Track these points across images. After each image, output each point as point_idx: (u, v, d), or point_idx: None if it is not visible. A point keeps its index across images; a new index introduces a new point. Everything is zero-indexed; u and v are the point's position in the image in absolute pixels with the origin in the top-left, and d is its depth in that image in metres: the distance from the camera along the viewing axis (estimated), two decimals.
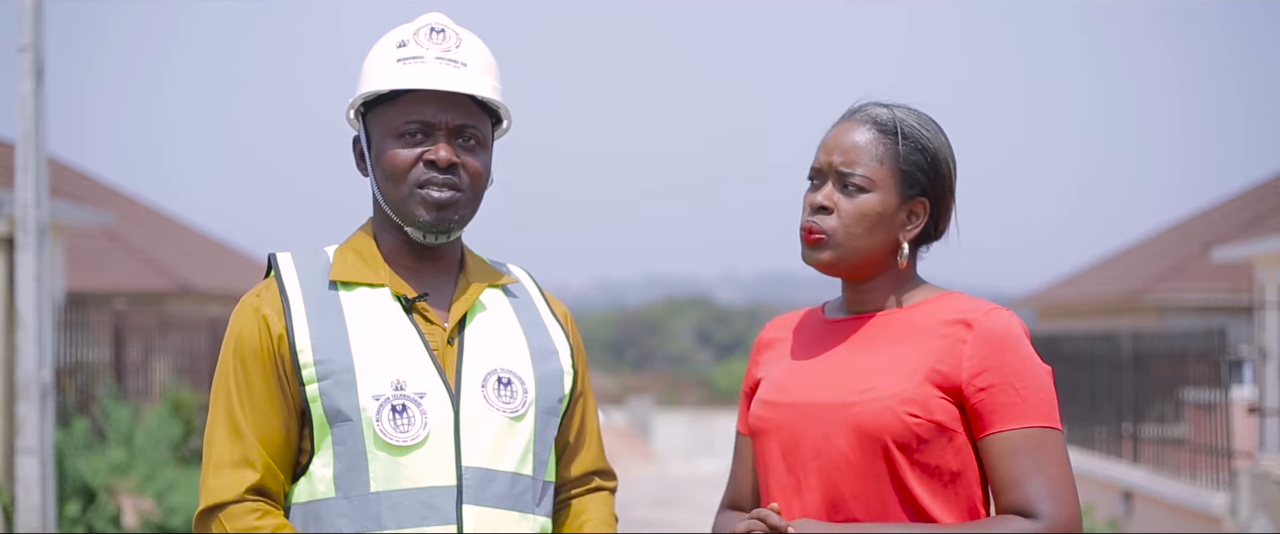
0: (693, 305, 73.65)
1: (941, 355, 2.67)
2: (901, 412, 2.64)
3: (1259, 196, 24.03)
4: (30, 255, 8.99)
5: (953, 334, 2.68)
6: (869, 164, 2.72)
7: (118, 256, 23.34)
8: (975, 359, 2.66)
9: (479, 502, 2.63)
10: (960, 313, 2.70)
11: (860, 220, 2.71)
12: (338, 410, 2.62)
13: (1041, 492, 2.61)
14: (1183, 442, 15.39)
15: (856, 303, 2.80)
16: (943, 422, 2.65)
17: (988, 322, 2.68)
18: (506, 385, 2.70)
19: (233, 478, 2.64)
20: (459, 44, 2.74)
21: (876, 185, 2.72)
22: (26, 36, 8.89)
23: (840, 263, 2.74)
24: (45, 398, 9.04)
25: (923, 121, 2.77)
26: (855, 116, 2.77)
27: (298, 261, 2.75)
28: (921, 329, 2.71)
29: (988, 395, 2.65)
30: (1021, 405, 2.65)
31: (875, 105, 2.79)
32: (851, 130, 2.75)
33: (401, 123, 2.70)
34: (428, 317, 2.71)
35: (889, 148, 2.73)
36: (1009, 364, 2.66)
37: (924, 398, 2.65)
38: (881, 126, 2.74)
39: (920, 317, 2.73)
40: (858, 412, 2.66)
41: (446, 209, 2.70)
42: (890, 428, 2.64)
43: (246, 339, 2.68)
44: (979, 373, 2.65)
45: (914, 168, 2.73)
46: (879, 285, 2.78)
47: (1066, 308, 28.25)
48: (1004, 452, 2.64)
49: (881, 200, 2.72)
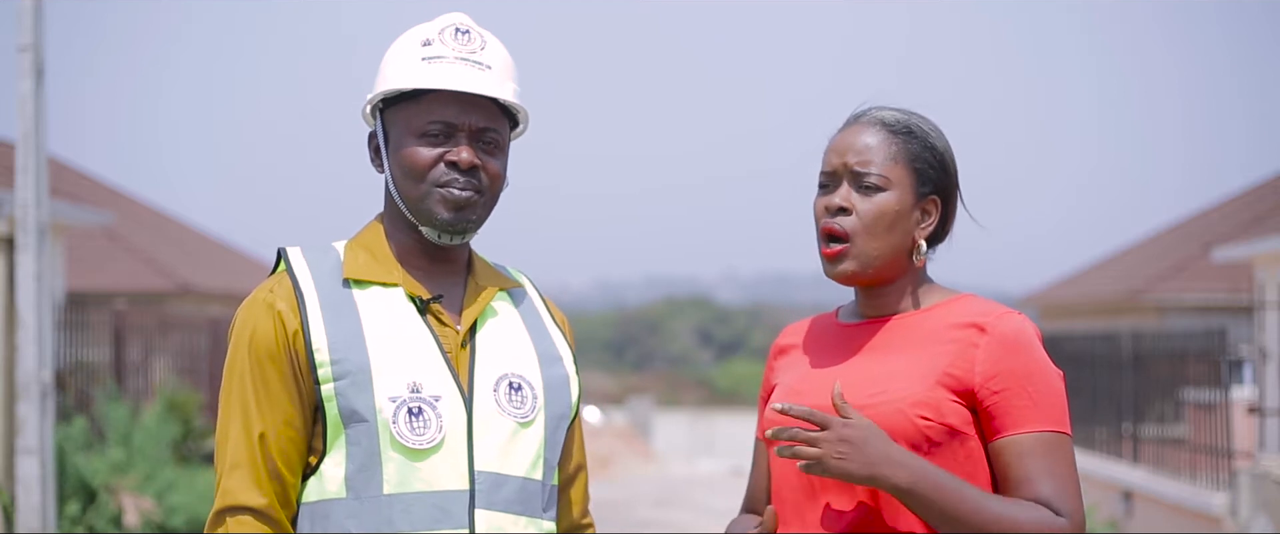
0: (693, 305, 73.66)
1: (954, 359, 2.68)
2: (913, 415, 2.65)
3: (1259, 196, 24.04)
4: (30, 255, 8.99)
5: (966, 338, 2.69)
6: (884, 163, 2.74)
7: (118, 256, 23.35)
8: (988, 362, 2.67)
9: (490, 506, 2.63)
10: (973, 316, 2.71)
11: (879, 219, 2.72)
12: (353, 411, 2.61)
13: (1056, 492, 2.64)
14: (1183, 442, 15.40)
15: (871, 307, 2.80)
16: (955, 425, 2.66)
17: (1001, 325, 2.69)
18: (517, 390, 2.70)
19: (246, 481, 2.63)
20: (483, 46, 2.73)
21: (892, 184, 2.73)
22: (26, 36, 8.90)
23: (863, 272, 2.74)
24: (45, 398, 9.04)
25: (927, 123, 2.80)
26: (862, 119, 2.79)
27: (308, 257, 2.73)
28: (935, 332, 2.72)
29: (1001, 399, 2.66)
30: (1034, 409, 2.67)
31: (880, 108, 2.81)
32: (862, 132, 2.77)
33: (424, 122, 2.69)
34: (441, 319, 2.70)
35: (901, 147, 2.75)
36: (1022, 368, 2.67)
37: (936, 401, 2.66)
38: (891, 127, 2.77)
39: (933, 320, 2.74)
40: (870, 415, 2.66)
41: (465, 210, 2.69)
42: (902, 431, 2.65)
43: (260, 335, 2.65)
44: (992, 376, 2.67)
45: (926, 165, 2.75)
46: (894, 289, 2.78)
47: (1066, 308, 28.26)
48: (1018, 453, 2.65)
49: (898, 198, 2.73)
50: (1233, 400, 14.04)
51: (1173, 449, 15.52)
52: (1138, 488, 15.48)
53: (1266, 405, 14.18)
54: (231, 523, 2.63)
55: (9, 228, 10.08)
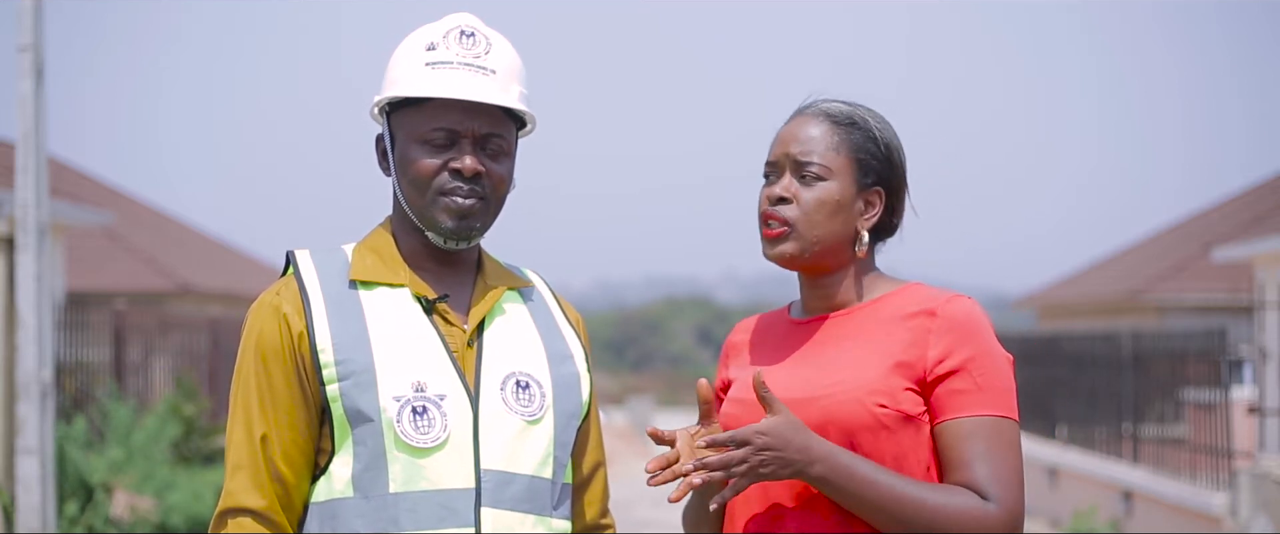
0: (693, 305, 73.71)
1: (907, 346, 2.70)
2: (870, 403, 2.67)
3: (1259, 196, 24.05)
4: (30, 255, 8.99)
5: (917, 324, 2.72)
6: (825, 153, 2.76)
7: (118, 256, 23.35)
8: (939, 346, 2.69)
9: (497, 504, 2.63)
10: (923, 302, 2.74)
11: (820, 208, 2.75)
12: (358, 411, 2.61)
13: (991, 477, 2.63)
14: (1183, 442, 15.39)
15: (819, 300, 2.83)
16: (909, 412, 2.68)
17: (950, 308, 2.72)
18: (525, 389, 2.70)
19: (249, 482, 2.64)
20: (488, 50, 2.71)
21: (833, 174, 2.76)
22: (26, 36, 8.90)
23: (803, 254, 2.76)
24: (45, 398, 9.05)
25: (873, 115, 2.83)
26: (807, 111, 2.82)
27: (316, 259, 2.73)
28: (886, 322, 2.75)
29: (949, 381, 2.68)
30: (980, 393, 2.68)
31: (826, 100, 2.84)
32: (806, 123, 2.80)
33: (427, 129, 2.68)
34: (448, 318, 2.70)
35: (844, 137, 2.78)
36: (971, 350, 2.69)
37: (891, 389, 2.68)
38: (835, 118, 2.79)
39: (884, 310, 2.77)
40: (827, 404, 2.68)
41: (469, 217, 2.68)
42: (858, 419, 2.66)
43: (266, 337, 2.66)
44: (942, 359, 2.69)
45: (869, 157, 2.78)
46: (839, 280, 2.81)
47: (1066, 308, 28.25)
48: (959, 435, 2.66)
49: (839, 188, 2.76)
50: (1233, 400, 14.04)
51: (1173, 449, 15.51)
52: (1138, 488, 15.47)
53: (1266, 405, 14.18)
54: (232, 524, 2.65)
55: (9, 228, 10.08)
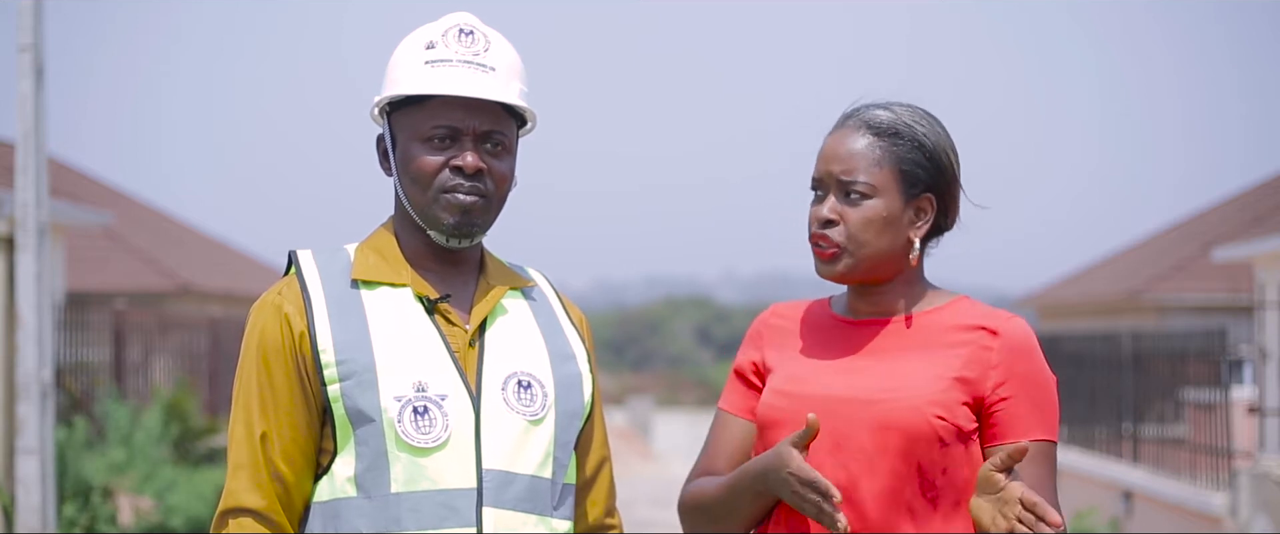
0: (693, 305, 73.68)
1: (967, 361, 2.71)
2: (929, 414, 2.67)
3: (1259, 196, 24.04)
4: (30, 255, 8.99)
5: (977, 341, 2.72)
6: (869, 169, 2.73)
7: (118, 256, 23.33)
8: (1001, 368, 2.70)
9: (498, 504, 2.63)
10: (981, 319, 2.74)
11: (867, 227, 2.72)
12: (359, 410, 2.62)
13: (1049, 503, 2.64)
14: (1183, 442, 15.40)
15: (869, 305, 2.81)
16: (963, 426, 2.69)
17: (1011, 328, 2.73)
18: (527, 389, 2.70)
19: (249, 482, 2.65)
20: (487, 47, 2.72)
21: (879, 190, 2.73)
22: (26, 36, 8.89)
23: (856, 271, 2.75)
24: (45, 398, 9.04)
25: (918, 118, 2.77)
26: (850, 122, 2.78)
27: (318, 259, 2.74)
28: (944, 334, 2.74)
29: (1007, 405, 2.70)
30: (1035, 418, 2.71)
31: (869, 108, 2.79)
32: (848, 137, 2.76)
33: (428, 127, 2.68)
34: (449, 318, 2.70)
35: (887, 150, 2.73)
36: (1029, 376, 2.71)
37: (949, 403, 2.68)
38: (877, 129, 2.75)
39: (941, 321, 2.76)
40: (885, 409, 2.68)
41: (471, 214, 2.68)
42: (916, 427, 2.67)
43: (268, 337, 2.66)
44: (1002, 382, 2.70)
45: (914, 166, 2.74)
46: (891, 289, 2.79)
47: (1066, 308, 28.25)
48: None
49: (886, 204, 2.72)
50: (1233, 400, 14.05)
51: (1173, 449, 15.52)
52: (1138, 488, 15.48)
53: (1266, 405, 14.19)
54: (233, 524, 2.65)
55: (9, 228, 10.08)
